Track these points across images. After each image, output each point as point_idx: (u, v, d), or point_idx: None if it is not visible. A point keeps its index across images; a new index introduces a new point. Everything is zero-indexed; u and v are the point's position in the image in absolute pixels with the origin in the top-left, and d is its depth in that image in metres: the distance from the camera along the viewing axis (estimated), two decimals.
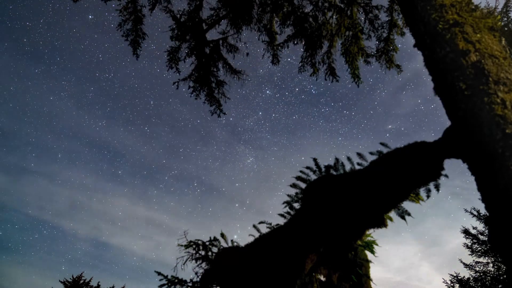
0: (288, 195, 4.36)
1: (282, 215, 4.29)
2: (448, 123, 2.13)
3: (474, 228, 12.69)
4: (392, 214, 3.63)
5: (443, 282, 12.67)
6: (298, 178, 4.33)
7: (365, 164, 3.29)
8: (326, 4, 6.50)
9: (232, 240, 3.61)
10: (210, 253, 3.34)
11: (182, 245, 3.42)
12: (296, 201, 4.26)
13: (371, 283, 4.10)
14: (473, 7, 2.12)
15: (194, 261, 3.31)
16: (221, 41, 6.74)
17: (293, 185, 4.34)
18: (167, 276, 3.28)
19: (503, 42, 1.95)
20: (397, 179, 2.58)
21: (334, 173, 4.06)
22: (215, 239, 3.48)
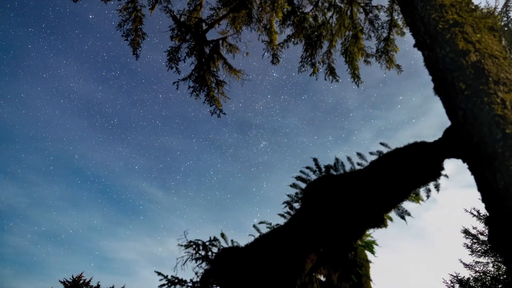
0: (288, 195, 4.36)
1: (282, 215, 4.29)
2: (448, 123, 2.13)
3: (474, 228, 12.69)
4: (392, 214, 3.63)
5: (443, 282, 12.67)
6: (298, 178, 4.33)
7: (365, 164, 3.29)
8: (326, 4, 6.50)
9: (232, 240, 3.61)
10: (210, 253, 3.34)
11: (182, 245, 3.41)
12: (296, 201, 4.26)
13: (371, 283, 4.09)
14: (473, 7, 2.12)
15: (194, 261, 3.31)
16: (221, 41, 6.74)
17: (293, 185, 4.34)
18: (167, 276, 3.28)
19: (503, 42, 1.95)
20: (397, 179, 2.58)
21: (334, 173, 4.06)
22: (215, 239, 3.48)
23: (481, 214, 12.32)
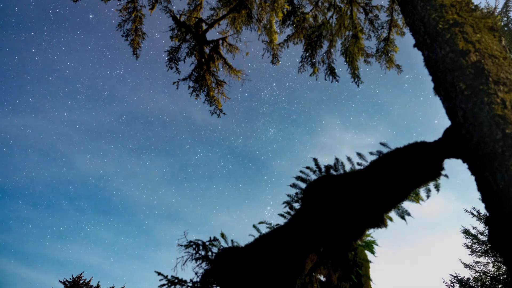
0: (288, 195, 4.36)
1: (282, 215, 4.29)
2: (448, 122, 2.13)
3: (474, 228, 12.69)
4: (392, 214, 3.63)
5: (443, 282, 12.68)
6: (298, 178, 4.32)
7: (365, 164, 3.29)
8: (326, 4, 6.51)
9: (232, 240, 3.61)
10: (210, 253, 3.34)
11: (182, 245, 3.42)
12: (296, 201, 4.26)
13: (371, 283, 4.09)
14: (473, 7, 2.12)
15: (194, 261, 3.31)
16: (221, 41, 6.74)
17: (293, 185, 4.34)
18: (167, 276, 3.28)
19: (503, 42, 1.95)
20: (397, 179, 2.58)
21: (334, 173, 4.06)
22: (215, 239, 3.48)
23: (481, 214, 12.32)
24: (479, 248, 12.35)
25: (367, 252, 4.29)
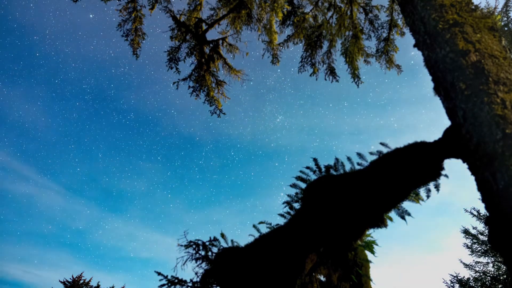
0: (288, 195, 4.36)
1: (282, 215, 4.29)
2: (448, 122, 2.13)
3: (474, 228, 12.69)
4: (392, 214, 3.63)
5: (443, 282, 12.68)
6: (298, 178, 4.33)
7: (365, 164, 3.29)
8: (326, 4, 6.50)
9: (232, 240, 3.61)
10: (210, 253, 3.34)
11: (182, 245, 3.41)
12: (296, 201, 4.26)
13: (371, 283, 4.10)
14: (473, 7, 2.12)
15: (194, 261, 3.31)
16: (221, 41, 6.74)
17: (293, 185, 4.34)
18: (167, 276, 3.28)
19: (503, 42, 1.95)
20: (397, 179, 2.58)
21: (334, 173, 4.06)
22: (215, 239, 3.48)
23: (481, 214, 12.32)
24: (479, 248, 12.35)
25: (367, 252, 4.29)
